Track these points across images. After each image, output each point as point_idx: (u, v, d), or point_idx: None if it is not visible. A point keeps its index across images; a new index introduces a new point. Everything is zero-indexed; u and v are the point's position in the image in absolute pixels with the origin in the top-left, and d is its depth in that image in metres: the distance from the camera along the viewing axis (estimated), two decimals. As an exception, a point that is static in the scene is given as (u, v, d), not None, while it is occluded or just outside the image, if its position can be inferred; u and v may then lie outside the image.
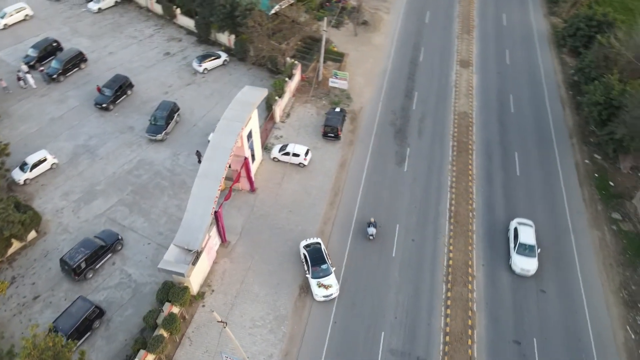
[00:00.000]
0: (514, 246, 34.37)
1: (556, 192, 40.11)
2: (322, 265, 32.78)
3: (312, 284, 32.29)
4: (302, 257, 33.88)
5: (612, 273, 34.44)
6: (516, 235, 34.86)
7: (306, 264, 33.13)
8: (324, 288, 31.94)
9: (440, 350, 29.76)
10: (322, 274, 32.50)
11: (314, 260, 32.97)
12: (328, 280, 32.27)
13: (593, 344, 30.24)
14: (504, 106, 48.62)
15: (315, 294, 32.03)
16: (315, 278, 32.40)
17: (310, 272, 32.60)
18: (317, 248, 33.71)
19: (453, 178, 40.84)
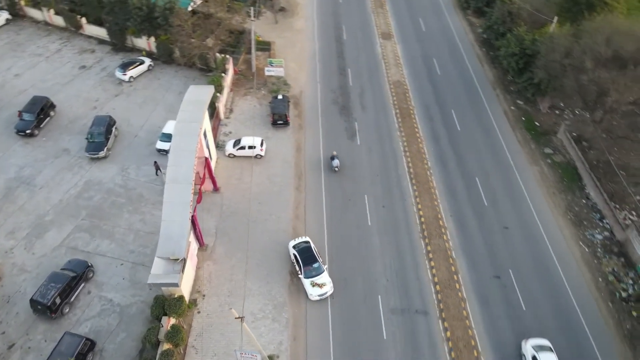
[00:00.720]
0: None
1: (494, 139, 44.04)
2: (313, 264, 32.20)
3: (306, 284, 31.76)
4: (292, 257, 33.24)
5: (556, 200, 38.89)
6: None
7: (297, 265, 32.51)
8: (318, 287, 31.50)
9: (434, 299, 31.93)
10: (314, 273, 31.96)
11: (305, 260, 32.38)
12: (321, 279, 31.78)
13: (557, 264, 34.13)
14: (430, 70, 51.97)
15: (310, 293, 31.49)
16: (308, 278, 31.85)
17: (302, 272, 32.03)
18: (306, 247, 33.11)
19: (404, 143, 43.20)
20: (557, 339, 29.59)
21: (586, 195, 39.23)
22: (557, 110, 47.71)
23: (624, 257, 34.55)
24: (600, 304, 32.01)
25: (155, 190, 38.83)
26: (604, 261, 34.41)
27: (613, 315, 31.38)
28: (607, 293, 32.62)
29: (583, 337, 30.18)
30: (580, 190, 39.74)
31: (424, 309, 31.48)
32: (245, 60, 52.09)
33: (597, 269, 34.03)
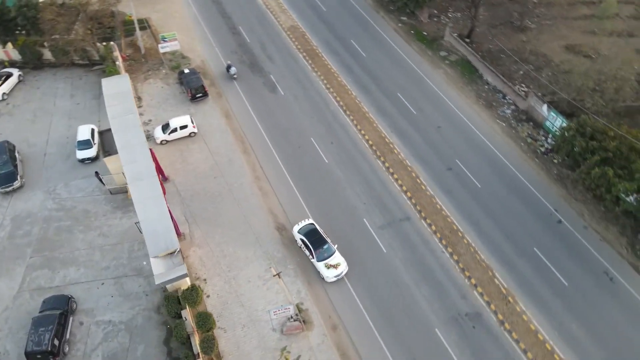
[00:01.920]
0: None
1: (396, 55, 47.82)
2: (323, 246, 31.72)
3: (320, 267, 31.23)
4: (300, 242, 32.64)
5: (466, 92, 44.41)
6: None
7: (307, 249, 31.94)
8: (333, 268, 31.14)
9: (410, 204, 35.45)
10: (327, 255, 31.50)
11: (315, 243, 31.81)
12: (335, 260, 31.43)
13: (487, 142, 39.65)
14: (316, 9, 53.41)
15: (326, 276, 30.98)
16: (321, 261, 31.41)
17: (314, 255, 31.47)
18: (312, 229, 32.55)
19: (323, 80, 44.86)
20: (509, 197, 35.58)
21: (486, 82, 45.37)
22: (434, 18, 53.00)
23: (532, 122, 41.45)
24: (530, 162, 38.49)
25: (99, 200, 35.78)
26: (519, 129, 40.95)
27: (542, 167, 38.11)
28: (531, 152, 39.25)
29: (527, 190, 36.32)
30: (480, 79, 45.76)
31: (405, 215, 34.90)
32: (129, 43, 48.08)
33: (517, 137, 40.46)
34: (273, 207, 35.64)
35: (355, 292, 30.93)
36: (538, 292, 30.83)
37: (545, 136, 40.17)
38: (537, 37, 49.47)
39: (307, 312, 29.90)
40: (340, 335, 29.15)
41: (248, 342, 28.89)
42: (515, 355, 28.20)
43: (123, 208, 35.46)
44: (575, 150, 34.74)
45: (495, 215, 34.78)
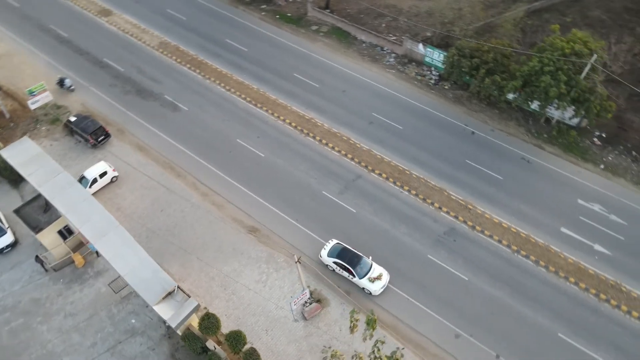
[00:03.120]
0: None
1: (276, 42, 49.22)
2: (360, 262, 30.92)
3: (364, 284, 30.44)
4: (332, 266, 31.33)
5: (350, 55, 47.92)
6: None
7: (345, 270, 30.77)
8: (377, 280, 30.53)
9: (355, 164, 37.91)
10: (366, 269, 30.76)
11: (351, 262, 30.80)
12: (376, 271, 30.89)
13: (393, 91, 43.96)
14: (176, 20, 51.83)
15: (374, 290, 30.29)
16: (363, 277, 30.53)
17: (355, 274, 30.46)
18: (343, 249, 31.56)
19: (221, 84, 44.48)
20: (428, 127, 40.26)
21: (362, 41, 49.42)
22: None
23: (414, 62, 46.68)
24: (428, 94, 43.59)
25: (44, 284, 31.63)
26: (407, 71, 45.89)
27: (439, 95, 43.44)
28: (425, 87, 44.41)
29: (438, 117, 41.28)
30: (355, 40, 49.65)
31: (356, 174, 37.32)
32: (-17, 112, 41.65)
33: (408, 78, 45.29)
34: (234, 215, 35.22)
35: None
36: (485, 192, 35.98)
37: (429, 70, 45.71)
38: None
39: (317, 292, 30.87)
40: (356, 297, 30.81)
41: (278, 342, 29.00)
42: (493, 246, 32.95)
43: (77, 279, 31.86)
44: (464, 71, 40.51)
45: (425, 146, 39.08)
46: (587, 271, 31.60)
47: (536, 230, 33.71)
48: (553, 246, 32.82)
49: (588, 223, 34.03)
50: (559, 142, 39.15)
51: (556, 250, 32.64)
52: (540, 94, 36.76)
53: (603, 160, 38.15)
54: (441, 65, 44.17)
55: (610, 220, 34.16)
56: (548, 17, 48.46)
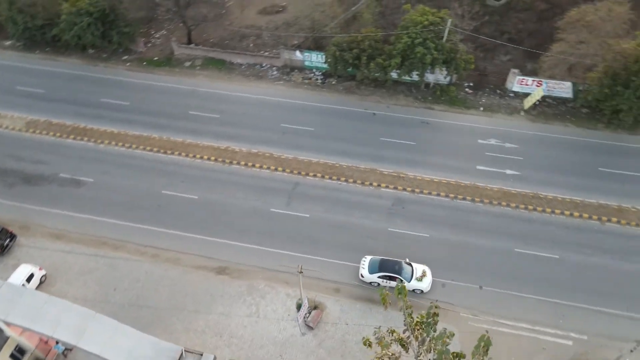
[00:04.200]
0: None
1: (156, 88, 47.66)
2: (402, 267, 31.62)
3: (414, 285, 31.05)
4: (379, 280, 31.47)
5: (234, 79, 48.64)
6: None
7: (393, 279, 30.92)
8: (424, 277, 31.44)
9: (288, 174, 38.95)
10: (410, 272, 31.61)
11: (395, 270, 31.41)
12: (419, 270, 31.72)
13: (281, 99, 45.81)
14: (35, 96, 46.80)
15: (425, 287, 31.22)
16: (411, 280, 31.18)
17: (403, 279, 30.72)
18: (380, 261, 32.01)
19: (119, 143, 41.71)
20: (337, 121, 43.09)
21: (239, 64, 50.36)
22: (149, 44, 53.68)
23: (296, 69, 49.20)
24: (322, 93, 46.38)
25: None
26: (293, 79, 48.18)
27: (331, 91, 46.59)
28: (316, 88, 47.14)
29: (340, 110, 44.36)
30: (232, 64, 50.37)
31: (293, 182, 38.37)
32: None
33: (298, 84, 47.59)
34: (195, 263, 33.78)
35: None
36: (407, 158, 39.81)
37: (312, 72, 48.67)
38: (236, 17, 56.45)
39: (309, 299, 31.32)
40: (345, 291, 32.04)
41: (297, 360, 28.90)
42: (435, 200, 36.92)
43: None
44: (349, 63, 44.18)
45: (340, 138, 41.64)
46: (510, 192, 37.29)
47: (459, 175, 38.58)
48: (478, 183, 37.99)
49: (493, 155, 40.02)
50: (442, 100, 45.05)
51: (481, 185, 37.85)
52: (418, 64, 42.03)
53: (479, 103, 45.03)
54: (322, 64, 47.47)
55: (506, 148, 40.62)
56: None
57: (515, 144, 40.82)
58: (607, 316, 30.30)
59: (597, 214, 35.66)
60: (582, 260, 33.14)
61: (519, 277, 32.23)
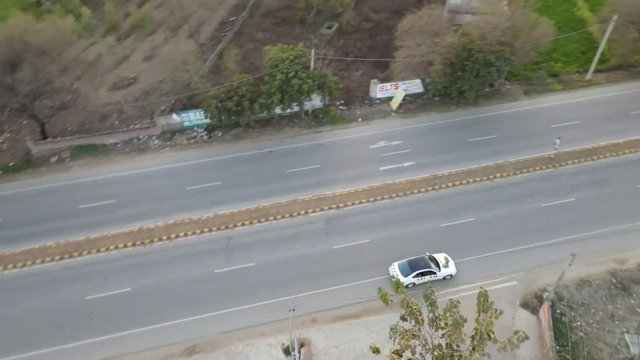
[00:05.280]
0: None
1: (4, 197, 41.96)
2: (428, 261, 34.39)
3: (445, 272, 34.24)
4: (414, 280, 33.70)
5: (113, 160, 45.47)
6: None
7: (424, 275, 33.72)
8: (449, 262, 34.70)
9: (215, 231, 37.89)
10: (435, 263, 34.54)
11: (422, 266, 34.04)
12: (442, 259, 34.78)
13: (173, 166, 44.46)
14: None
15: (454, 271, 34.42)
16: (443, 268, 34.28)
17: (435, 270, 33.98)
18: (408, 262, 34.42)
19: (6, 268, 35.60)
20: (246, 168, 43.49)
21: (114, 144, 47.19)
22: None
23: (177, 132, 47.98)
24: (212, 147, 46.18)
25: None
26: (178, 142, 46.96)
27: (221, 143, 46.77)
28: (204, 143, 46.79)
29: (242, 158, 44.87)
30: (105, 146, 46.99)
31: (224, 238, 37.52)
32: None
33: (185, 146, 46.40)
34: (161, 355, 30.72)
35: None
36: (320, 181, 41.93)
37: (195, 131, 48.18)
38: (89, 99, 52.62)
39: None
40: (321, 318, 32.46)
41: (308, 402, 28.23)
42: (358, 209, 39.69)
43: None
44: (232, 111, 45.00)
45: (252, 182, 41.99)
46: (415, 180, 42.05)
47: (369, 180, 42.12)
48: (387, 181, 42.00)
49: (388, 155, 44.65)
50: (325, 121, 48.75)
51: (390, 182, 41.93)
52: (296, 95, 45.00)
53: (356, 115, 49.84)
54: (202, 121, 47.48)
55: (395, 145, 45.70)
56: (243, 42, 58.21)
57: (400, 140, 46.15)
58: (531, 250, 36.18)
59: (484, 175, 42.36)
60: (491, 215, 38.98)
61: (452, 247, 36.28)
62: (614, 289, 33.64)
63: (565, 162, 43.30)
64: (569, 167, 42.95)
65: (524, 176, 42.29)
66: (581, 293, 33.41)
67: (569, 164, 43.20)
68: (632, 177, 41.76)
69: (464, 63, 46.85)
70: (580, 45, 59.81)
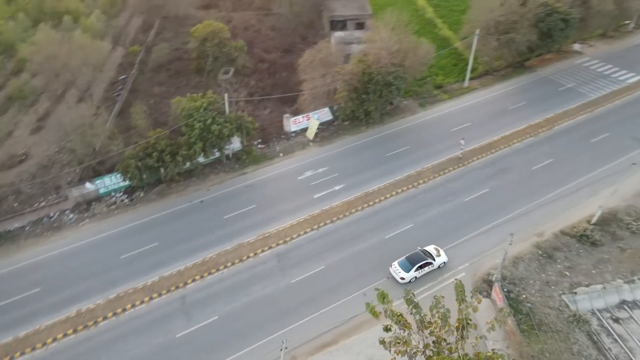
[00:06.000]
0: None
1: None
2: (423, 253, 37.69)
3: (439, 261, 37.53)
4: (416, 273, 36.51)
5: (41, 241, 40.56)
6: None
7: (424, 267, 36.75)
8: (441, 251, 38.24)
9: (166, 294, 35.51)
10: (428, 253, 37.81)
11: (420, 259, 36.90)
12: (432, 249, 38.13)
13: (107, 234, 41.12)
14: None
15: (446, 259, 37.95)
16: (438, 257, 37.64)
17: (432, 262, 37.15)
18: (407, 258, 37.07)
19: None
20: (179, 223, 41.79)
21: (21, 227, 42.10)
22: None
23: (93, 201, 44.37)
24: (137, 209, 43.62)
25: None
26: (97, 211, 43.43)
27: (146, 202, 44.31)
28: (127, 207, 43.96)
29: (173, 213, 43.00)
30: (11, 232, 41.69)
31: (178, 298, 35.39)
32: None
33: (106, 213, 43.22)
34: None
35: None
36: (259, 220, 41.90)
37: (114, 196, 44.97)
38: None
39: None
40: (299, 353, 32.01)
41: None
42: (308, 237, 40.33)
43: None
44: (153, 168, 43.09)
45: (191, 236, 40.44)
46: (350, 201, 43.94)
47: (306, 209, 43.10)
48: (323, 207, 43.28)
49: (317, 182, 46.18)
50: (248, 162, 48.91)
51: (327, 207, 43.29)
52: (217, 140, 44.72)
53: (277, 151, 50.85)
54: (120, 184, 44.71)
55: (321, 172, 47.46)
56: (141, 98, 56.35)
57: (325, 167, 48.03)
58: (467, 242, 39.81)
59: (409, 183, 45.80)
60: (425, 218, 42.16)
61: (401, 254, 38.03)
62: (542, 259, 38.30)
63: (472, 159, 48.72)
64: (476, 163, 48.40)
65: (442, 178, 46.63)
66: (518, 269, 37.47)
67: (475, 160, 48.70)
68: (525, 162, 48.35)
69: (367, 86, 50.71)
70: (450, 59, 68.38)
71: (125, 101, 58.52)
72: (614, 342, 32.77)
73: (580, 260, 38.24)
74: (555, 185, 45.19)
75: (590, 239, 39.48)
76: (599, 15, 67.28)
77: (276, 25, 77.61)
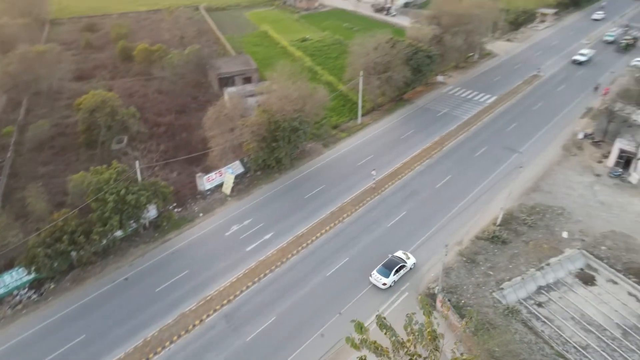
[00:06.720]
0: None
1: None
2: (397, 257, 41.29)
3: (410, 263, 41.18)
4: (395, 277, 39.78)
5: None
6: None
7: (400, 270, 40.15)
8: (409, 254, 42.08)
9: None
10: (402, 257, 41.43)
11: (395, 264, 40.23)
12: (402, 254, 41.81)
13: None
14: None
15: (415, 260, 41.89)
16: (407, 262, 41.16)
17: (405, 264, 40.71)
18: (384, 265, 40.41)
19: None
20: (110, 307, 37.71)
21: None
22: None
23: None
24: (56, 302, 38.54)
25: None
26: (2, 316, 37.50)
27: (59, 294, 39.30)
28: (36, 305, 38.51)
29: (98, 301, 38.64)
30: None
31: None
32: None
33: (11, 319, 37.40)
34: None
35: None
36: (196, 285, 39.91)
37: (17, 295, 39.00)
38: None
39: None
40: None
41: None
42: (251, 291, 39.31)
43: None
44: (68, 250, 38.72)
45: (123, 318, 36.83)
46: (283, 247, 43.98)
47: (242, 265, 42.02)
48: (259, 258, 42.71)
49: (246, 235, 45.58)
50: (169, 228, 46.46)
51: (262, 257, 42.77)
52: (134, 210, 41.98)
53: (196, 212, 49.17)
54: (23, 279, 39.23)
55: (247, 225, 46.99)
56: (25, 182, 50.38)
57: (249, 219, 47.69)
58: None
59: (334, 220, 47.41)
60: (358, 249, 43.82)
61: (344, 289, 39.39)
62: (467, 265, 42.14)
63: (384, 187, 52.38)
64: (389, 190, 52.12)
65: (363, 209, 49.23)
66: (451, 278, 40.68)
67: (387, 188, 52.42)
68: (429, 182, 53.39)
69: (275, 134, 52.19)
70: (338, 101, 73.69)
71: (6, 187, 52.25)
72: (543, 324, 37.04)
73: (498, 259, 42.87)
74: (458, 197, 50.51)
75: (500, 238, 44.63)
76: (452, 50, 78.70)
77: (162, 88, 76.49)
